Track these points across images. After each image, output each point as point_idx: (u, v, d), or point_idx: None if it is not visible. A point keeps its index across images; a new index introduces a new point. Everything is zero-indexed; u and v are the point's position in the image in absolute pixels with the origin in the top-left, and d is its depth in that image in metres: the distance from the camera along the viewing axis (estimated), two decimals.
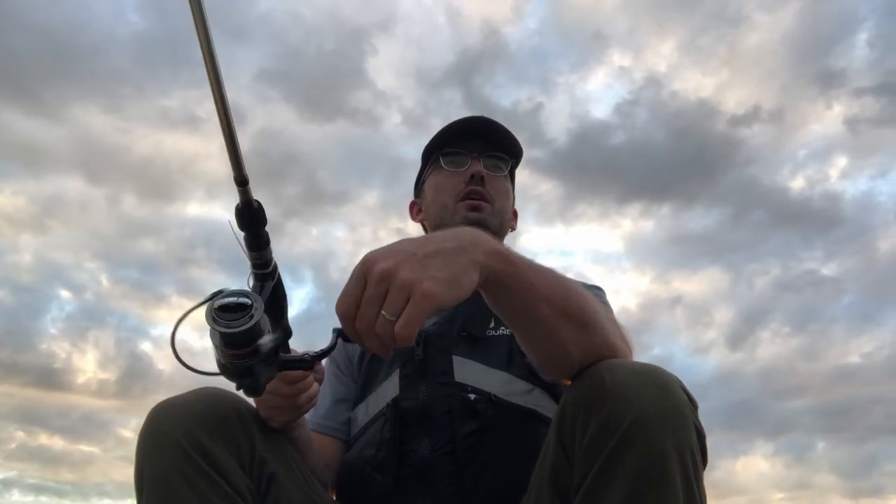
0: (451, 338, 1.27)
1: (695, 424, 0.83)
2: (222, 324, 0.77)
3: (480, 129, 1.43)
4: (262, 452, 0.98)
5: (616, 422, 0.81)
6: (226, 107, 0.70)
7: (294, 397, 1.02)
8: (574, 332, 0.89)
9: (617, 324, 1.01)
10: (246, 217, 0.79)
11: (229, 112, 0.71)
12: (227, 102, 0.70)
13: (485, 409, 1.17)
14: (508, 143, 1.45)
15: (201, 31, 0.66)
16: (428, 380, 1.23)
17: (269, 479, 0.98)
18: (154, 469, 0.90)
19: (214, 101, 0.70)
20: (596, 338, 0.90)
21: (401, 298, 0.74)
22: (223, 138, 0.72)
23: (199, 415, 0.93)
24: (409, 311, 0.74)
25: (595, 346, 0.90)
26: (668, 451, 0.79)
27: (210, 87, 0.69)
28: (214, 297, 0.78)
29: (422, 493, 1.15)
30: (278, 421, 1.06)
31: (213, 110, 0.70)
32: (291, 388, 1.01)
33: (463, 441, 1.15)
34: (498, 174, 1.44)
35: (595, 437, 0.82)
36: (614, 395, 0.82)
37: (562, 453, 0.89)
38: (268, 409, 1.03)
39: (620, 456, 0.80)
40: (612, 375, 0.84)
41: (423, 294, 0.74)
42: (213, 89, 0.69)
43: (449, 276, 0.76)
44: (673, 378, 0.85)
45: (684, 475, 0.80)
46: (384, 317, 0.74)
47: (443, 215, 1.42)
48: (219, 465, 0.91)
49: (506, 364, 1.24)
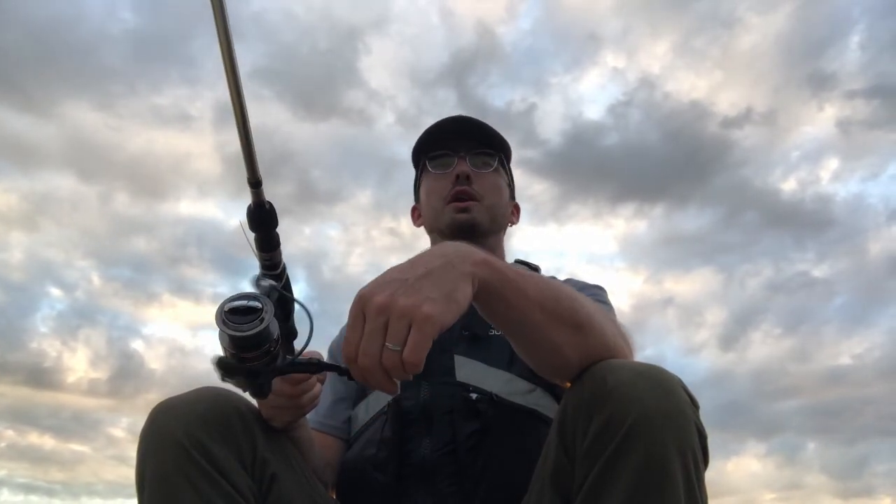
0: (452, 337, 1.27)
1: (696, 425, 0.83)
2: (232, 327, 0.77)
3: (461, 128, 1.44)
4: (263, 452, 0.98)
5: (617, 422, 0.81)
6: (243, 109, 0.71)
7: (297, 398, 1.02)
8: (569, 336, 0.88)
9: (616, 323, 1.01)
10: (258, 218, 0.80)
11: (246, 114, 0.71)
12: (244, 104, 0.71)
13: (486, 408, 1.17)
14: (490, 139, 1.45)
15: (221, 32, 0.66)
16: (429, 379, 1.23)
17: (271, 479, 0.97)
18: (155, 469, 0.90)
19: (232, 104, 0.70)
20: (592, 339, 0.90)
21: (403, 326, 0.74)
22: (239, 140, 0.73)
23: (201, 415, 0.93)
24: (414, 338, 0.74)
25: (592, 348, 0.90)
26: (669, 452, 0.79)
27: (228, 89, 0.69)
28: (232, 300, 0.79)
29: (423, 493, 1.14)
30: (281, 421, 1.05)
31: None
32: (294, 388, 1.01)
33: (464, 441, 1.15)
34: (485, 171, 1.44)
35: (596, 438, 0.82)
36: (616, 395, 0.82)
37: (563, 453, 0.89)
38: (270, 409, 1.03)
39: (622, 456, 0.80)
40: (614, 376, 0.84)
41: (424, 318, 0.73)
42: (231, 91, 0.70)
43: (444, 294, 0.76)
44: (674, 378, 0.85)
45: (686, 475, 0.80)
46: (389, 348, 0.74)
47: (434, 218, 1.43)
48: (220, 465, 0.91)
49: (507, 364, 1.24)
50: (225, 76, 0.68)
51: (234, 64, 0.68)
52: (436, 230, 1.43)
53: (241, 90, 0.70)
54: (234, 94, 0.70)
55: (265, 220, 0.80)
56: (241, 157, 0.75)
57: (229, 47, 0.67)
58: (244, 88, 0.69)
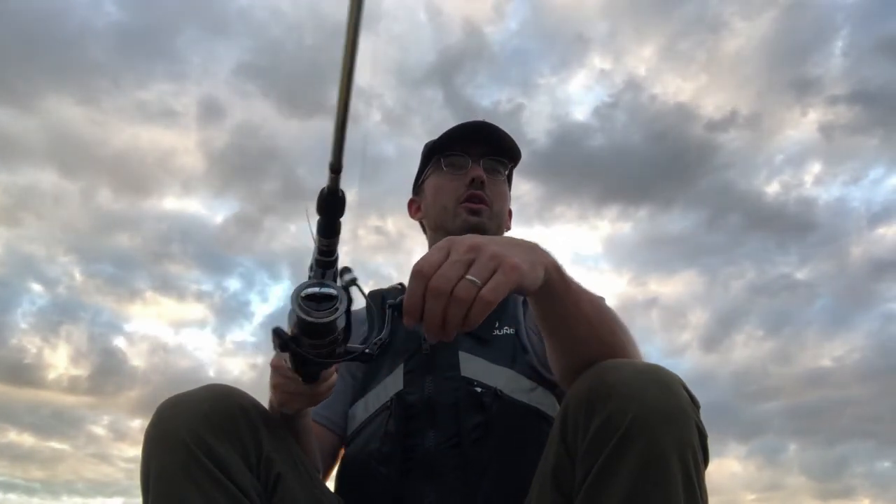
0: (457, 335, 1.27)
1: (697, 424, 0.85)
2: (306, 311, 0.80)
3: (483, 133, 1.45)
4: (268, 452, 0.97)
5: (618, 420, 0.81)
6: (348, 95, 0.71)
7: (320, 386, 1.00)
8: (602, 348, 0.94)
9: (630, 336, 1.04)
10: (330, 204, 0.81)
11: (349, 101, 0.72)
12: (350, 90, 0.71)
13: (491, 403, 1.19)
14: (508, 148, 1.46)
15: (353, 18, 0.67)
16: (434, 374, 1.24)
17: (276, 479, 0.97)
18: (160, 469, 0.89)
19: (340, 86, 0.71)
20: (619, 353, 0.95)
21: (489, 267, 0.76)
22: (334, 124, 0.74)
23: (206, 414, 0.92)
24: (498, 279, 0.76)
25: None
26: (669, 450, 0.80)
27: (341, 71, 0.70)
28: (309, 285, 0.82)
29: (427, 486, 1.16)
30: (292, 407, 1.03)
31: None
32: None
33: (469, 434, 1.17)
34: (497, 178, 1.46)
35: (597, 435, 0.83)
36: (617, 393, 0.83)
37: (564, 451, 0.89)
38: (285, 394, 1.00)
39: (622, 454, 0.81)
40: (615, 374, 0.85)
41: (512, 266, 0.77)
42: (343, 75, 0.70)
43: (530, 262, 0.81)
44: (675, 377, 0.87)
45: (685, 473, 0.81)
46: (468, 279, 0.75)
47: (443, 217, 1.43)
48: (225, 465, 0.91)
49: (510, 362, 1.25)
50: (342, 58, 0.69)
51: (356, 48, 0.68)
52: (442, 228, 1.44)
53: (353, 76, 0.70)
54: (344, 78, 0.70)
55: (336, 206, 0.81)
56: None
57: (356, 31, 0.68)
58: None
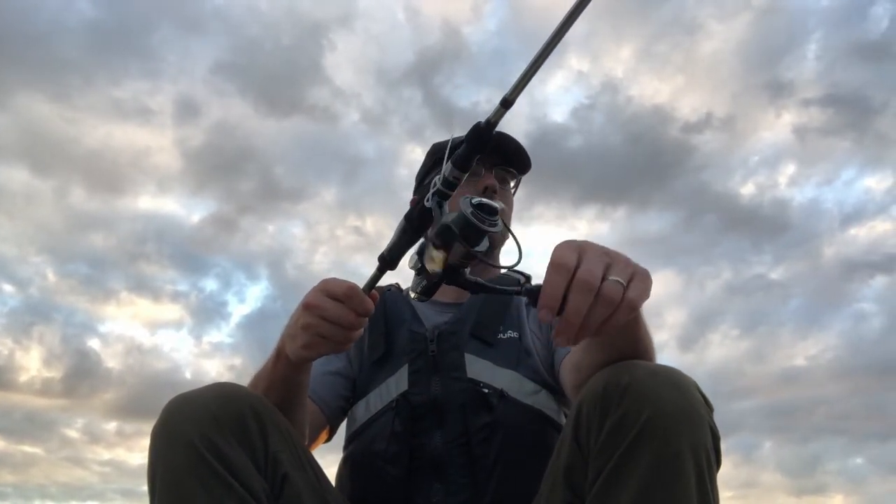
0: (463, 337, 1.29)
1: (710, 425, 0.85)
2: (477, 216, 0.82)
3: (498, 143, 1.44)
4: (275, 452, 0.96)
5: (632, 419, 0.82)
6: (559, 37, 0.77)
7: (354, 329, 0.94)
8: (637, 352, 0.93)
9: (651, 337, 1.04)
10: (486, 136, 0.83)
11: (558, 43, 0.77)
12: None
13: (497, 403, 1.20)
14: (521, 161, 1.46)
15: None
16: (441, 374, 1.24)
17: (283, 479, 0.95)
18: (167, 471, 0.87)
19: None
20: (642, 356, 0.95)
21: (628, 272, 0.75)
22: (531, 60, 0.78)
23: (214, 414, 0.90)
24: (639, 285, 0.75)
25: None
26: (682, 450, 0.81)
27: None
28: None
29: (434, 485, 1.16)
30: (317, 352, 0.96)
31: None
32: (359, 318, 0.93)
33: (476, 433, 1.17)
34: (506, 188, 1.46)
35: (611, 434, 0.84)
36: (631, 393, 0.83)
37: (577, 449, 0.90)
38: (315, 337, 0.93)
39: (635, 453, 0.81)
40: (630, 374, 0.85)
41: (646, 275, 0.76)
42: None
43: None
44: (689, 379, 0.87)
45: (698, 474, 0.82)
46: (614, 279, 0.74)
47: None
48: (233, 466, 0.89)
49: (514, 364, 1.26)
50: None
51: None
52: None
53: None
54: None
55: (484, 139, 0.83)
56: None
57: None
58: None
